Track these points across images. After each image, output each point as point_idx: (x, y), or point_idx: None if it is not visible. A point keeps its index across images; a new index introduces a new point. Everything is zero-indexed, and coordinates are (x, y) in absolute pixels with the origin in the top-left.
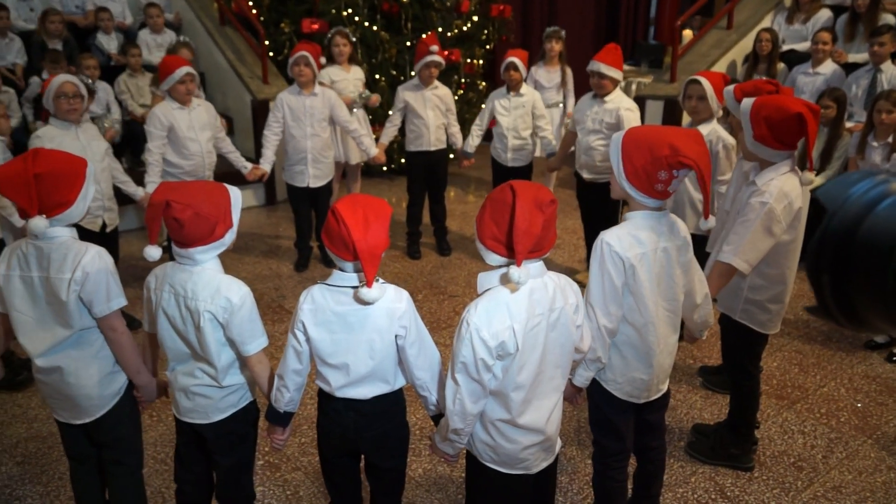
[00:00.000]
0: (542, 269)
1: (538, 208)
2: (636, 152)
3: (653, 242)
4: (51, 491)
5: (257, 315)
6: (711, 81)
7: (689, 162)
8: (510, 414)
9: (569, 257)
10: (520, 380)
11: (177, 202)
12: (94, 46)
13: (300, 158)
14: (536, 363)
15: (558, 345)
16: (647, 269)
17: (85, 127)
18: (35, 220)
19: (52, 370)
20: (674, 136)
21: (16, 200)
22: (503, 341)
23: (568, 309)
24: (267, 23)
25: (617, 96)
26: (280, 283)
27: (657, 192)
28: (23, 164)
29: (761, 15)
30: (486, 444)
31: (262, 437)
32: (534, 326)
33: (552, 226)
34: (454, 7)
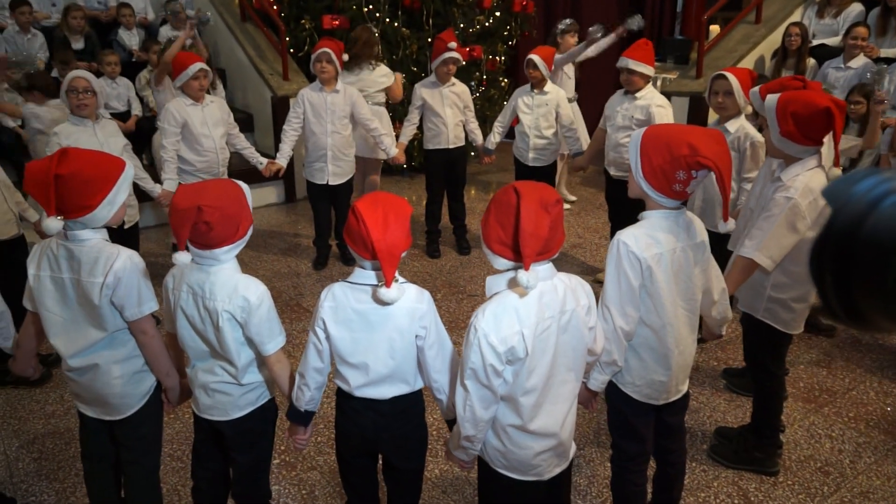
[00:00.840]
0: (552, 271)
1: (544, 209)
2: (655, 151)
3: (670, 242)
4: (66, 487)
5: (275, 314)
6: (738, 77)
7: (707, 162)
8: (521, 419)
9: (591, 256)
10: (529, 384)
11: (207, 206)
12: (116, 42)
13: (320, 155)
14: (547, 367)
15: (570, 348)
16: (664, 270)
17: (103, 123)
18: (49, 220)
19: (84, 370)
20: (694, 136)
21: (37, 199)
22: (512, 346)
23: (580, 311)
24: (287, 19)
25: (648, 92)
26: (298, 282)
27: (675, 193)
28: (48, 163)
29: (791, 9)
30: (498, 449)
31: (278, 436)
32: (544, 330)
33: (559, 226)
34: (476, 3)
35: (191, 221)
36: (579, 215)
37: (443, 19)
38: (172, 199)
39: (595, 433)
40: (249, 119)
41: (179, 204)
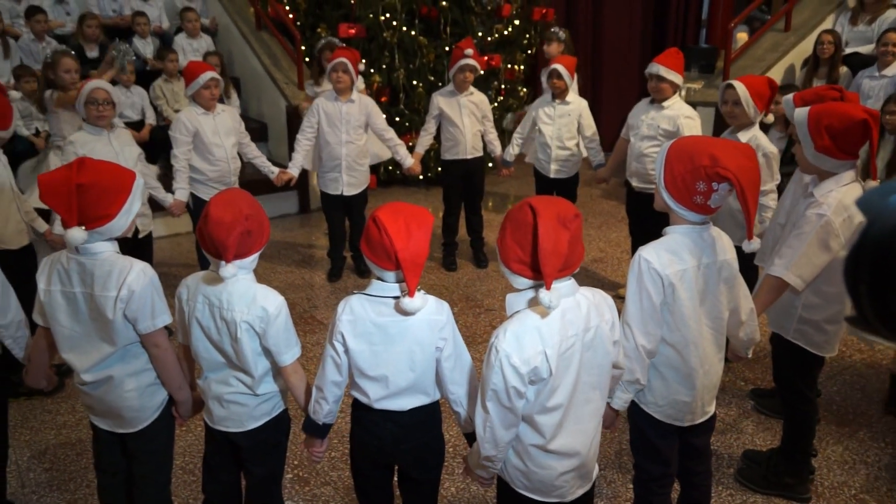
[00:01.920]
0: (574, 287)
1: (562, 225)
2: (677, 161)
3: (694, 259)
4: (78, 499)
5: (292, 324)
6: (754, 86)
7: (727, 174)
8: (543, 438)
9: (613, 271)
10: (552, 403)
11: (251, 214)
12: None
13: (334, 165)
14: (570, 386)
15: (595, 365)
16: (688, 287)
17: (118, 132)
18: (73, 231)
19: (98, 383)
20: (718, 147)
21: (56, 209)
22: (535, 367)
23: (604, 326)
24: (303, 27)
25: (677, 102)
26: (312, 294)
27: (696, 206)
28: (67, 172)
29: (822, 16)
30: (519, 469)
31: (290, 450)
32: (567, 348)
33: (579, 241)
34: (495, 11)
35: (238, 231)
36: (600, 229)
37: (460, 28)
38: (213, 213)
39: (616, 454)
40: (264, 128)
41: (224, 216)
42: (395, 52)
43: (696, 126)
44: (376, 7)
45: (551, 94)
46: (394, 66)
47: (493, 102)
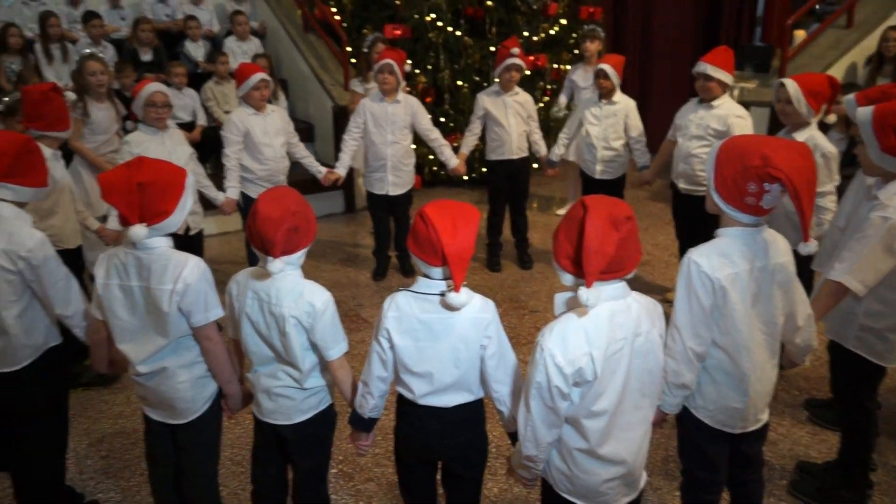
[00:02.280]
0: (624, 291)
1: (612, 226)
2: (727, 161)
3: (747, 262)
4: (132, 486)
5: (339, 320)
6: (809, 84)
7: (779, 175)
8: (588, 443)
9: (659, 275)
10: (597, 407)
11: (297, 211)
12: (182, 54)
13: (380, 165)
14: (618, 391)
15: (645, 371)
16: (740, 291)
17: (170, 132)
18: (135, 228)
19: (152, 375)
20: (771, 147)
21: (118, 207)
22: (580, 368)
23: (654, 333)
24: (349, 29)
25: (727, 102)
26: (357, 292)
27: (748, 207)
28: (127, 171)
29: (887, 12)
30: (563, 473)
31: (335, 445)
32: (615, 352)
33: (631, 244)
34: (541, 10)
35: (285, 227)
36: (647, 231)
37: (506, 28)
38: (260, 209)
39: (663, 460)
40: (310, 129)
41: (272, 213)
42: (440, 52)
43: (747, 125)
44: (422, 8)
45: (598, 94)
46: (439, 66)
47: (539, 103)
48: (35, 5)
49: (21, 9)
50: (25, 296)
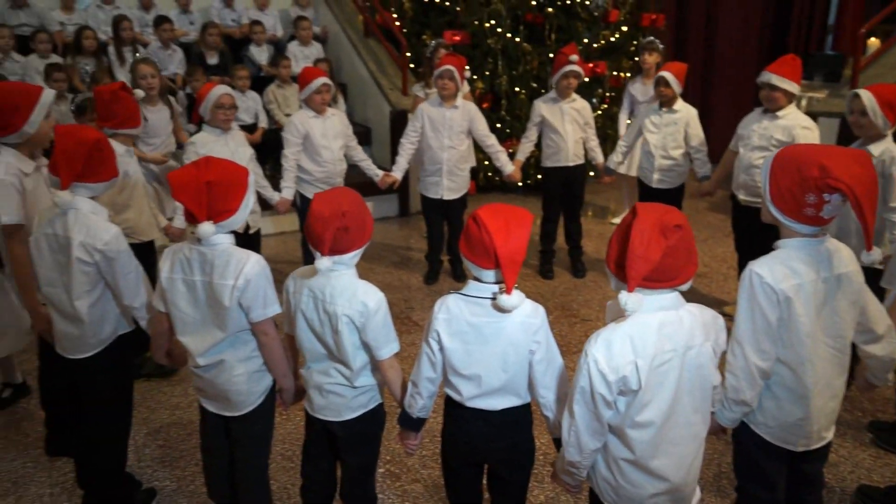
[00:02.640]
0: (676, 302)
1: (660, 232)
2: (783, 173)
3: (811, 272)
4: (186, 475)
5: (391, 320)
6: (884, 95)
7: (839, 185)
8: (634, 454)
9: (717, 288)
10: (641, 418)
11: (348, 211)
12: (247, 58)
13: (436, 170)
14: (666, 403)
15: (697, 387)
16: (804, 302)
17: (233, 133)
18: (203, 225)
19: (210, 367)
20: (828, 156)
21: (187, 205)
22: (624, 376)
23: (707, 346)
24: (409, 34)
25: (792, 112)
26: (409, 295)
27: (808, 218)
28: (196, 171)
29: None
30: (608, 482)
31: (383, 444)
32: (662, 363)
33: (681, 254)
34: (602, 17)
35: (335, 226)
36: (706, 243)
37: (566, 34)
38: (314, 207)
39: (715, 476)
40: (368, 132)
41: (323, 211)
42: (498, 58)
43: (813, 137)
44: (481, 14)
45: (659, 102)
46: (497, 72)
47: (598, 110)
48: (109, 9)
49: (96, 12)
50: (99, 286)
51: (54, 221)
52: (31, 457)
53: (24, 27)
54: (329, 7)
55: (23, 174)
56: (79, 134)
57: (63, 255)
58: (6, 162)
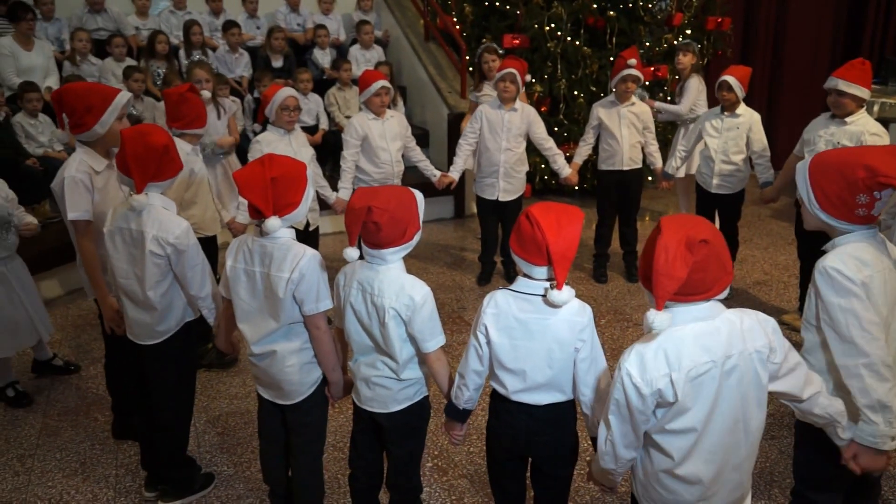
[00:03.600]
0: (713, 311)
1: (687, 248)
2: (825, 179)
3: (879, 262)
4: (243, 462)
5: (437, 314)
6: None
7: (890, 181)
8: (669, 462)
9: (776, 296)
10: (677, 426)
11: (377, 207)
12: (310, 61)
13: (492, 171)
14: (704, 413)
15: (737, 395)
16: (879, 293)
17: (296, 134)
18: (270, 220)
19: (264, 356)
20: (869, 156)
21: (254, 201)
22: (659, 389)
23: (751, 353)
24: (469, 38)
25: (862, 118)
26: (461, 295)
27: (860, 218)
28: (260, 167)
29: None
30: (645, 488)
31: (431, 439)
32: (699, 375)
33: (711, 268)
34: (665, 20)
35: (361, 220)
36: (766, 250)
37: (627, 38)
38: (350, 199)
39: (767, 485)
40: (425, 135)
41: (355, 204)
42: (557, 62)
43: (883, 144)
44: (542, 17)
45: (720, 106)
46: (556, 76)
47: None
48: (181, 14)
49: (168, 17)
50: (168, 277)
51: (128, 217)
52: (98, 439)
53: (101, 31)
54: (391, 11)
55: (93, 172)
56: (147, 138)
57: (136, 248)
58: (79, 159)
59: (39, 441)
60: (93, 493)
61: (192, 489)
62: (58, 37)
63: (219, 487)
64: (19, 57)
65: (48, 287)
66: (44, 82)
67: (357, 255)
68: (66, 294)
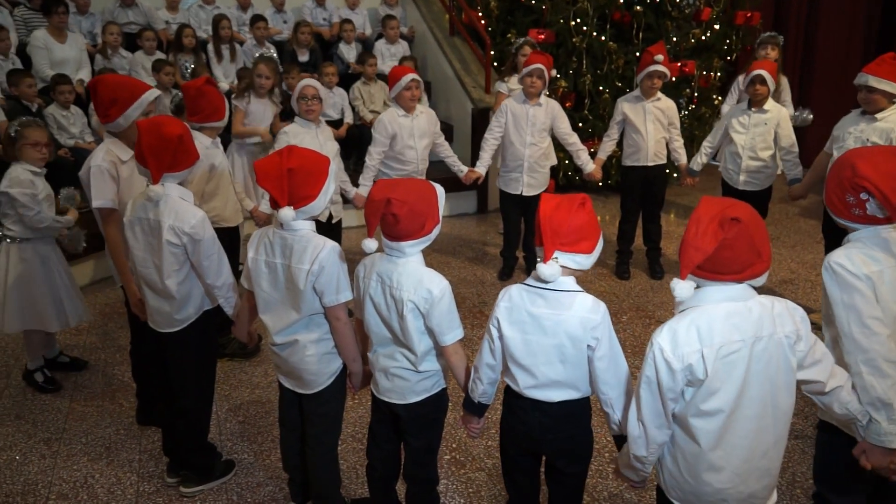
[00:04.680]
0: (745, 293)
1: (718, 224)
2: (830, 177)
3: (889, 259)
4: (263, 450)
5: (455, 308)
6: None
7: (864, 184)
8: (698, 445)
9: (803, 294)
10: (707, 406)
11: (396, 199)
12: (336, 55)
13: (516, 166)
14: (733, 394)
15: (766, 379)
16: (889, 289)
17: (323, 127)
18: (284, 210)
19: (285, 346)
20: (864, 156)
21: (270, 191)
22: (690, 365)
23: (781, 338)
24: (494, 33)
25: (893, 114)
26: (482, 290)
27: (859, 218)
28: (279, 158)
29: None
30: (674, 476)
31: (449, 433)
32: (729, 353)
33: (741, 248)
34: (693, 15)
35: (380, 212)
36: (794, 249)
37: (654, 33)
38: (369, 191)
39: (789, 485)
40: (449, 130)
41: (374, 195)
42: (583, 57)
43: None
44: (567, 12)
45: (748, 101)
46: (581, 71)
47: (684, 111)
48: (210, 9)
49: (197, 11)
50: (186, 266)
51: (146, 207)
52: (123, 424)
53: (132, 25)
54: (416, 6)
55: (119, 161)
56: (161, 129)
57: (154, 238)
58: (105, 149)
59: (66, 425)
60: (116, 476)
61: (213, 475)
62: (91, 31)
63: (239, 474)
64: (53, 49)
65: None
66: (76, 75)
67: (375, 246)
68: (96, 282)
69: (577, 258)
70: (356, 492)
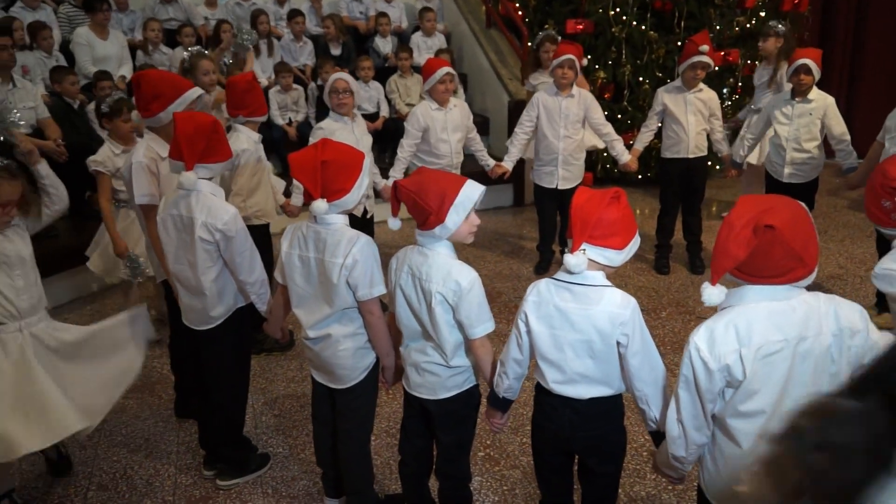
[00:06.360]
0: (788, 293)
1: (751, 231)
2: (867, 188)
3: None
4: (298, 444)
5: (485, 300)
6: None
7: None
8: (739, 447)
9: (852, 291)
10: (745, 408)
11: (403, 186)
12: (371, 49)
13: (551, 159)
14: (774, 395)
15: (811, 381)
16: None
17: (358, 121)
18: (317, 202)
19: (318, 340)
20: (892, 161)
21: (304, 183)
22: (727, 365)
23: (826, 338)
24: (531, 24)
25: None
26: (518, 284)
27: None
28: (314, 151)
29: None
30: (713, 478)
31: (483, 428)
32: (771, 353)
33: (775, 255)
34: (737, 3)
35: (405, 200)
36: (842, 243)
37: (696, 21)
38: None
39: None
40: (485, 122)
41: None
42: (622, 47)
43: None
44: (606, 1)
45: (791, 91)
46: (620, 61)
47: (728, 101)
48: (247, 5)
49: (235, 8)
50: (219, 262)
51: (178, 203)
52: (162, 417)
53: (172, 21)
54: None
55: (159, 158)
56: (197, 119)
57: (187, 234)
58: (146, 145)
59: (106, 416)
60: (154, 468)
61: (249, 469)
62: (131, 27)
63: (274, 468)
64: (95, 46)
65: None
66: (117, 71)
67: (398, 224)
68: None
69: (607, 253)
70: (389, 487)
